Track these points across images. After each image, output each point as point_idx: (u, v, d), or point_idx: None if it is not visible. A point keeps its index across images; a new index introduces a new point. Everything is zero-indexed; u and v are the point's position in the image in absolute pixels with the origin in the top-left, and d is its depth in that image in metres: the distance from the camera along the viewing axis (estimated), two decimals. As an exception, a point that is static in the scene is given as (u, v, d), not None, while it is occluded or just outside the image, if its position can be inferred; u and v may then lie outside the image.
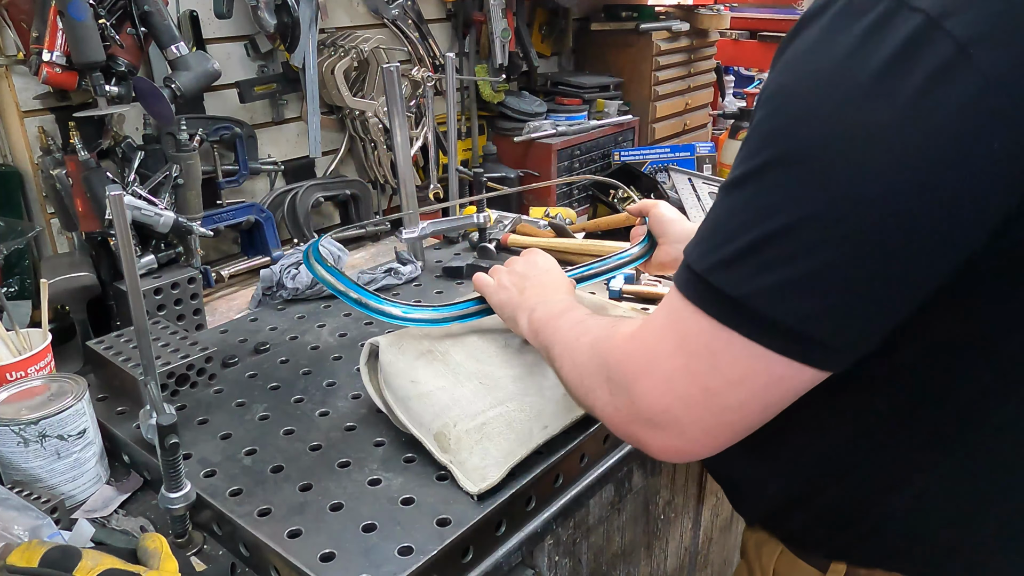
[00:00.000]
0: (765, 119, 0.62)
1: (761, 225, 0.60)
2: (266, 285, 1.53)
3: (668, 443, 0.68)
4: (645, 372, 0.68)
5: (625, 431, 0.72)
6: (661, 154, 2.53)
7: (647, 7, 2.64)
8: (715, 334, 0.63)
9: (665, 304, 0.69)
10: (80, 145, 1.36)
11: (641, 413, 0.69)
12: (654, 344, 0.68)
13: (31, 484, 0.98)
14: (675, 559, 1.48)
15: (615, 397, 0.72)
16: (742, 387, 0.63)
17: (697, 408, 0.65)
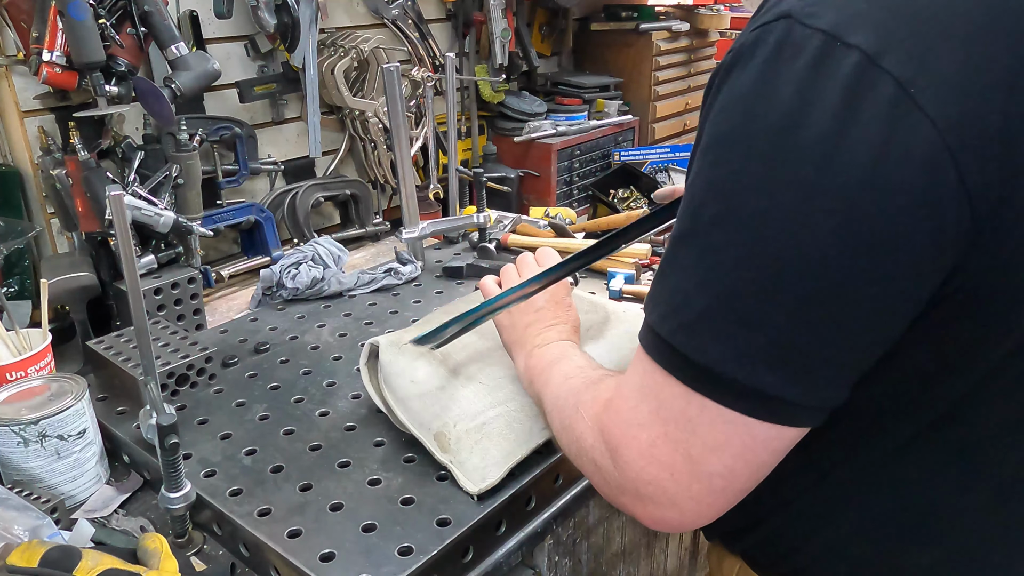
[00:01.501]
0: (706, 170, 0.59)
1: (713, 288, 0.58)
2: (266, 285, 1.53)
3: (661, 515, 0.65)
4: (624, 444, 0.65)
5: (616, 502, 0.69)
6: (661, 154, 2.53)
7: (647, 7, 2.64)
8: (689, 399, 0.60)
9: (637, 364, 0.65)
10: (80, 145, 1.36)
11: (627, 485, 0.66)
12: (630, 413, 0.65)
13: (31, 484, 0.98)
14: (675, 559, 1.48)
15: (600, 467, 0.69)
16: (725, 452, 0.60)
17: (683, 476, 0.62)
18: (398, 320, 1.44)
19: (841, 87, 0.52)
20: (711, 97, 0.61)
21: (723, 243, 0.57)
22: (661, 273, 0.63)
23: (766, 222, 0.55)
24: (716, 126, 0.59)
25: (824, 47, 0.53)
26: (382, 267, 1.61)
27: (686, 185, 0.62)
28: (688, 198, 0.60)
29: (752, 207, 0.56)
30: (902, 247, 0.53)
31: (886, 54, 0.52)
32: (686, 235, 0.60)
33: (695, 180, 0.60)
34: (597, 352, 1.12)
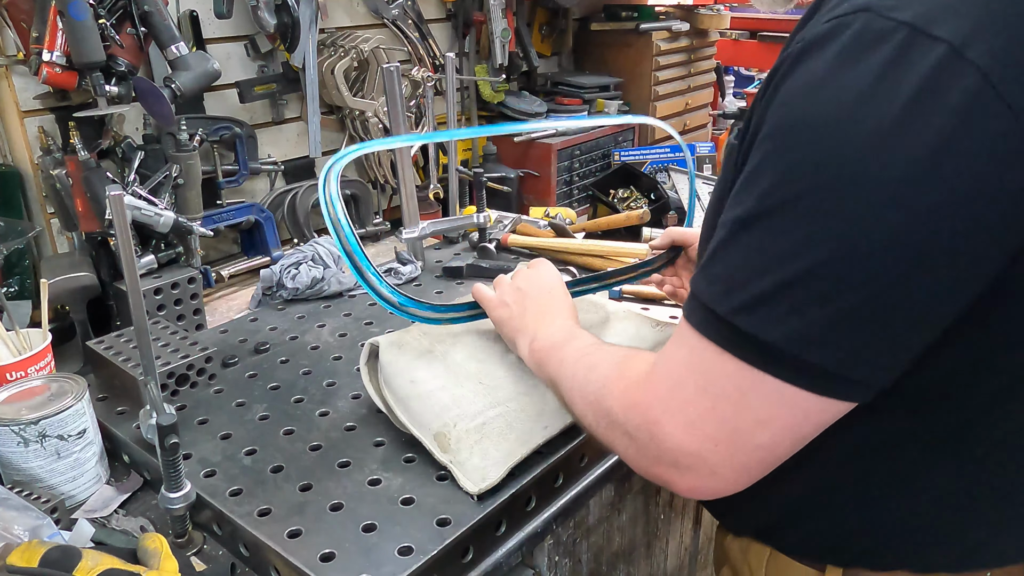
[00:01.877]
0: (774, 156, 0.61)
1: (784, 268, 0.59)
2: (266, 285, 1.53)
3: (698, 483, 0.68)
4: (668, 416, 0.67)
5: (649, 472, 0.71)
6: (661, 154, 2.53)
7: (647, 7, 2.64)
8: (743, 376, 0.62)
9: (681, 343, 0.67)
10: (80, 145, 1.36)
11: (665, 456, 0.68)
12: (674, 387, 0.67)
13: (31, 484, 0.98)
14: (675, 559, 1.48)
15: (635, 439, 0.71)
16: (772, 425, 0.63)
17: (726, 448, 0.65)
18: (398, 320, 1.43)
19: (923, 77, 0.54)
20: (774, 87, 0.63)
21: (792, 226, 0.59)
22: (719, 254, 0.65)
23: (838, 207, 0.57)
24: (784, 114, 0.61)
25: (908, 39, 0.55)
26: (382, 267, 1.61)
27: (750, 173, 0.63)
28: (751, 182, 0.62)
29: (823, 192, 0.58)
30: (971, 233, 0.56)
31: (971, 46, 0.54)
32: (751, 218, 0.62)
33: (760, 166, 0.62)
34: (597, 352, 1.12)
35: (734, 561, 0.93)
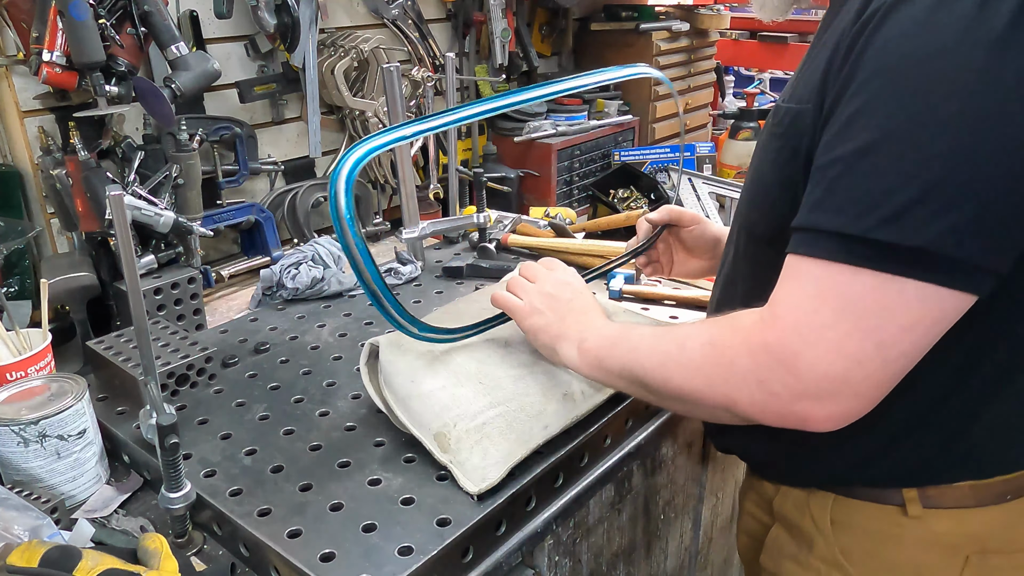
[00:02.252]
0: (889, 88, 0.68)
1: (921, 178, 0.66)
2: (266, 285, 1.53)
3: (838, 409, 0.72)
4: (808, 347, 0.70)
5: (786, 412, 0.74)
6: (661, 154, 2.53)
7: (647, 7, 2.64)
8: (884, 287, 0.68)
9: (803, 277, 0.73)
10: (80, 145, 1.36)
11: (809, 388, 0.71)
12: (809, 317, 0.71)
13: (31, 484, 0.98)
14: (675, 559, 1.48)
15: (769, 383, 0.73)
16: (915, 330, 0.69)
17: (872, 363, 0.70)
18: (398, 320, 1.44)
19: None
20: (864, 40, 0.70)
21: (922, 141, 0.67)
22: (839, 186, 0.71)
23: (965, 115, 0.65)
24: (892, 54, 0.69)
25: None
26: (382, 267, 1.61)
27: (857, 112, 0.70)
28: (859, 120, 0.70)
29: (949, 107, 0.66)
30: None
31: None
32: (874, 145, 0.69)
33: (870, 103, 0.70)
34: (597, 352, 1.12)
35: (788, 518, 0.98)
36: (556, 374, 1.07)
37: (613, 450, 1.14)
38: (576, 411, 1.06)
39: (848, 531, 0.92)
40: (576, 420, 1.06)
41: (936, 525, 0.87)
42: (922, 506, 0.87)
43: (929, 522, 0.87)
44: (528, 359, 1.09)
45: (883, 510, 0.89)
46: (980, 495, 0.86)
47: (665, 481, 1.35)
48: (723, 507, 1.61)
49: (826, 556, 0.93)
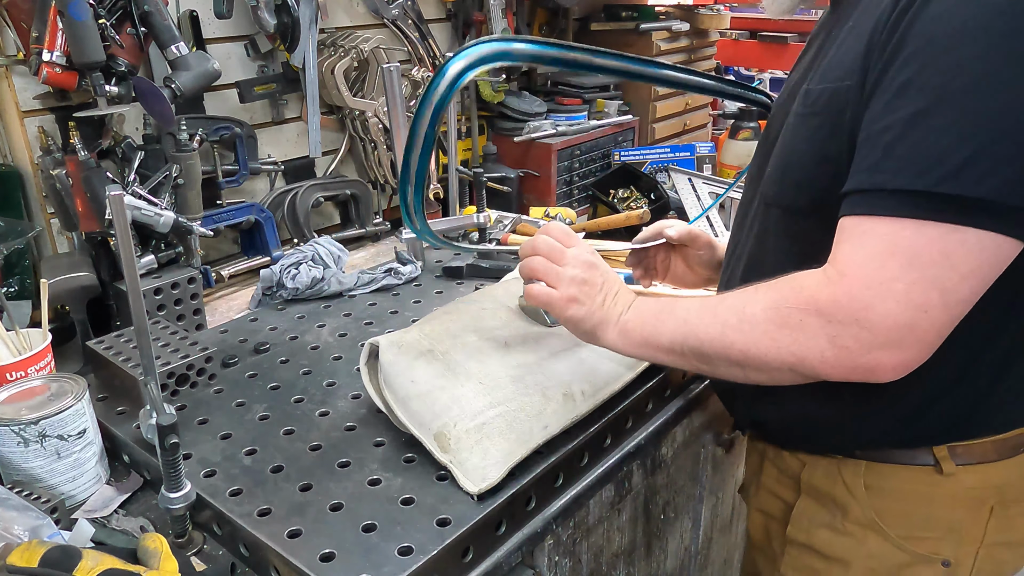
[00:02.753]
0: (943, 54, 0.74)
1: (976, 138, 0.72)
2: (266, 285, 1.53)
3: (904, 357, 0.77)
4: (878, 299, 0.76)
5: (857, 364, 0.78)
6: (661, 154, 2.52)
7: (647, 7, 2.64)
8: (947, 237, 0.74)
9: (868, 234, 0.77)
10: (80, 145, 1.36)
11: (879, 339, 0.76)
12: (878, 269, 0.76)
13: (31, 484, 0.98)
14: (675, 559, 1.48)
15: (840, 338, 0.78)
16: (974, 277, 0.75)
17: (936, 311, 0.75)
18: (398, 320, 1.44)
19: None
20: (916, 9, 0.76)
21: (977, 104, 0.73)
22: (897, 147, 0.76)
23: (1013, 81, 0.72)
24: (944, 22, 0.74)
25: None
26: (382, 267, 1.61)
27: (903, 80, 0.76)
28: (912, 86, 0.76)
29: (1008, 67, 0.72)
30: None
31: None
32: (930, 109, 0.74)
33: (923, 70, 0.75)
34: (597, 352, 1.12)
35: (819, 488, 1.03)
36: (556, 374, 1.07)
37: (613, 450, 1.14)
38: (576, 411, 1.06)
39: (882, 494, 0.98)
40: (576, 420, 1.06)
41: (966, 480, 0.94)
42: (954, 464, 0.93)
43: (960, 478, 0.94)
44: (528, 359, 1.09)
45: (916, 471, 0.95)
46: (1000, 449, 0.93)
47: (665, 481, 1.35)
48: (723, 507, 1.61)
49: (862, 520, 0.99)
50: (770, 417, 1.07)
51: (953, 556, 0.96)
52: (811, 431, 1.02)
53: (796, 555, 1.08)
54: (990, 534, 0.96)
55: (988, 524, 0.95)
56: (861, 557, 1.00)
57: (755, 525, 1.20)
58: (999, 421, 0.93)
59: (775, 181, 0.98)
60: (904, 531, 0.97)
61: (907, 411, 0.92)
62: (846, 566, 1.01)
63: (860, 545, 1.00)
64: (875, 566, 0.99)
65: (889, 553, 0.98)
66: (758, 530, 1.19)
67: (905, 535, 0.97)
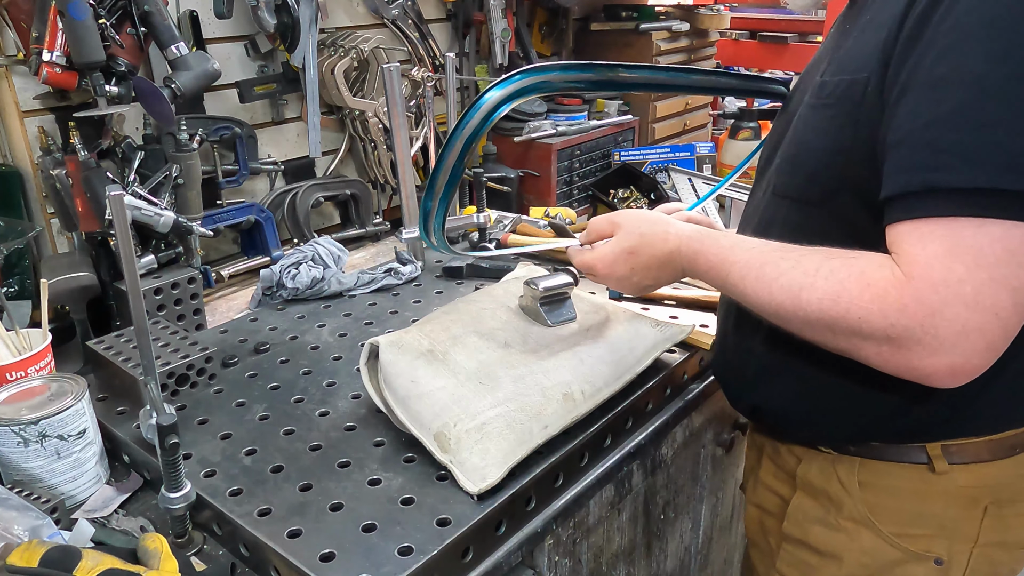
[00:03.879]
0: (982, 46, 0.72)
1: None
2: (266, 285, 1.53)
3: (969, 363, 0.74)
4: (945, 303, 0.72)
5: (915, 366, 0.76)
6: (661, 154, 2.52)
7: (647, 7, 2.64)
8: (1011, 234, 0.71)
9: (928, 238, 0.74)
10: (80, 145, 1.36)
11: (944, 344, 0.73)
12: (943, 274, 0.72)
13: (31, 484, 0.98)
14: (675, 559, 1.48)
15: (902, 340, 0.75)
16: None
17: (1007, 311, 0.72)
18: (398, 320, 1.44)
19: None
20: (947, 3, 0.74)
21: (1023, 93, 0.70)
22: (943, 146, 0.73)
23: None
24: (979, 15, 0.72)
25: None
26: (382, 267, 1.61)
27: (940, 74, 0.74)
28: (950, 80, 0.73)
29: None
30: None
31: None
32: (975, 103, 0.72)
33: (963, 64, 0.73)
34: (597, 353, 1.13)
35: (814, 484, 1.04)
36: (556, 374, 1.07)
37: (613, 450, 1.14)
38: (576, 411, 1.06)
39: (876, 491, 0.98)
40: (576, 420, 1.06)
41: (959, 479, 0.93)
42: (947, 462, 0.93)
43: (953, 476, 0.93)
44: (528, 359, 1.09)
45: (910, 468, 0.95)
46: (994, 449, 0.93)
47: (665, 481, 1.35)
48: (723, 507, 1.61)
49: (855, 516, 0.99)
50: (766, 403, 1.07)
51: (946, 554, 0.96)
52: (807, 417, 1.02)
53: (791, 551, 1.08)
54: (984, 534, 0.95)
55: (982, 524, 0.95)
56: (854, 553, 1.00)
57: (752, 520, 1.21)
58: (993, 421, 0.92)
59: (785, 172, 0.98)
60: (897, 528, 0.97)
61: (899, 403, 0.92)
62: (839, 562, 1.01)
63: (853, 541, 1.00)
64: (868, 562, 0.99)
65: (882, 550, 0.98)
66: (754, 525, 1.20)
67: (898, 532, 0.97)
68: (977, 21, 0.73)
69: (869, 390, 0.91)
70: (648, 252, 1.02)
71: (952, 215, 0.73)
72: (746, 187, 2.21)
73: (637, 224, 1.04)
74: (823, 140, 0.89)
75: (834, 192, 0.86)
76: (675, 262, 1.01)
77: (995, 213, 0.71)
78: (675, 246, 1.00)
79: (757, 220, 1.05)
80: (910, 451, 0.95)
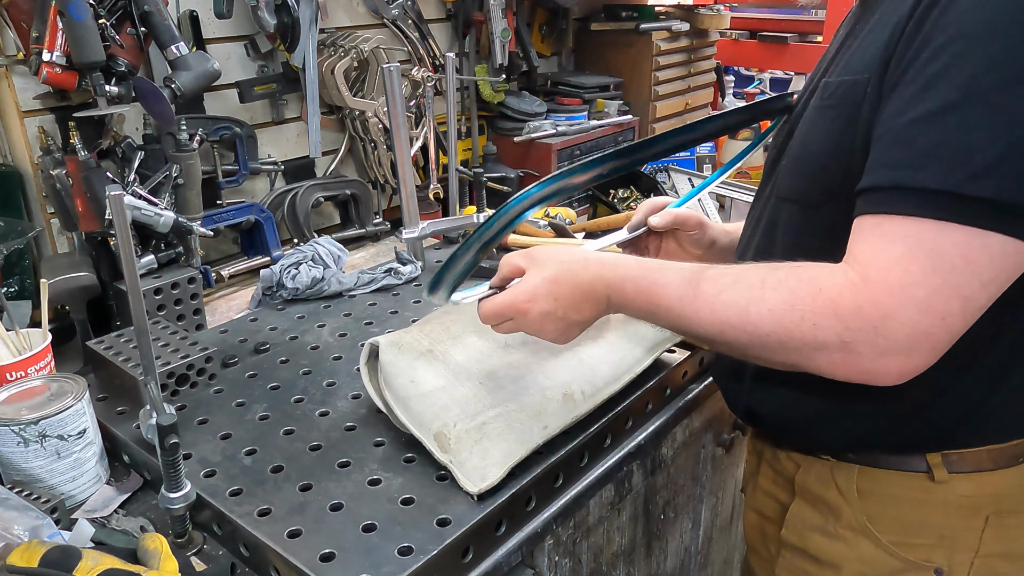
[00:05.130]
0: (977, 47, 0.71)
1: (1004, 138, 0.69)
2: (266, 285, 1.53)
3: (912, 364, 0.75)
4: (899, 306, 0.72)
5: (864, 368, 0.76)
6: (661, 154, 2.52)
7: (647, 7, 2.64)
8: (971, 243, 0.71)
9: (889, 236, 0.74)
10: (80, 145, 1.36)
11: (893, 346, 0.73)
12: (899, 277, 0.72)
13: (31, 484, 0.98)
14: (675, 559, 1.48)
15: (854, 344, 0.75)
16: (993, 284, 0.72)
17: (954, 318, 0.72)
18: (398, 320, 1.44)
19: None
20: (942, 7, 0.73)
21: (1008, 101, 0.69)
22: (919, 143, 0.73)
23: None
24: (977, 16, 0.72)
25: None
26: (382, 267, 1.61)
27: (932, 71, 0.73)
28: (942, 78, 0.72)
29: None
30: None
31: None
32: (958, 103, 0.71)
33: (954, 62, 0.72)
34: (597, 353, 1.13)
35: (812, 491, 1.02)
36: (556, 374, 1.07)
37: (613, 450, 1.14)
38: (576, 411, 1.06)
39: (875, 499, 0.96)
40: (576, 420, 1.06)
41: (960, 488, 0.91)
42: (947, 471, 0.91)
43: (954, 486, 0.91)
44: (528, 359, 1.09)
45: (909, 477, 0.93)
46: (996, 458, 0.91)
47: (665, 481, 1.35)
48: (723, 507, 1.61)
49: (853, 524, 0.97)
50: (762, 408, 1.06)
51: (946, 564, 0.94)
52: (804, 424, 1.00)
53: (790, 558, 1.07)
54: (986, 544, 0.93)
55: (984, 534, 0.92)
56: (852, 561, 0.98)
57: (751, 526, 1.20)
58: (995, 430, 0.90)
59: (789, 173, 0.97)
60: (896, 537, 0.95)
61: (898, 413, 0.90)
62: (838, 570, 1.00)
63: (851, 549, 0.98)
64: (866, 571, 0.97)
65: (880, 559, 0.96)
66: (754, 531, 1.19)
67: (897, 541, 0.95)
68: (976, 21, 0.72)
69: (865, 399, 0.89)
70: (570, 280, 0.92)
71: (915, 215, 0.73)
72: (746, 187, 2.21)
73: (553, 253, 0.95)
74: (825, 142, 0.88)
75: (835, 195, 0.85)
76: (598, 291, 0.92)
77: (959, 219, 0.71)
78: (596, 272, 0.92)
79: (760, 222, 1.04)
80: (910, 459, 0.93)
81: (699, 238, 1.21)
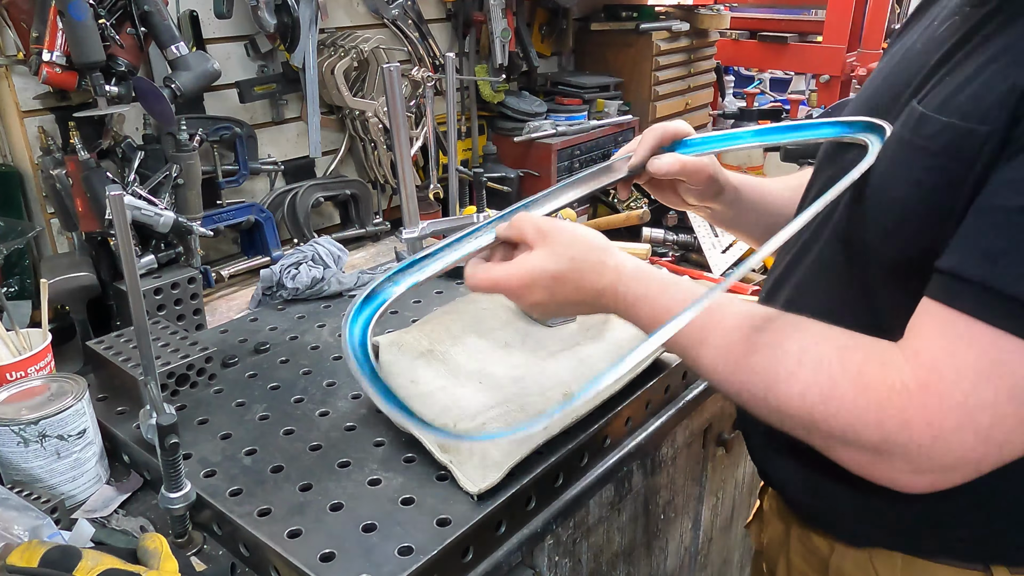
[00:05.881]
0: None
1: None
2: (266, 285, 1.53)
3: (949, 481, 0.65)
4: (956, 428, 0.61)
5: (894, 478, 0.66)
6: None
7: (647, 7, 2.64)
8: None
9: (966, 341, 0.62)
10: (80, 145, 1.36)
11: (936, 466, 0.63)
12: (965, 396, 0.61)
13: (31, 484, 0.98)
14: (675, 559, 1.48)
15: (891, 455, 0.65)
16: None
17: (1013, 448, 0.62)
18: (398, 320, 1.44)
19: None
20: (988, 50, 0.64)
21: None
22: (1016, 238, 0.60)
23: None
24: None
25: None
26: (382, 267, 1.61)
27: None
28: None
29: None
30: None
31: None
32: None
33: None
34: (597, 353, 1.13)
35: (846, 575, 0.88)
36: (556, 374, 1.07)
37: (613, 450, 1.14)
38: (576, 411, 1.06)
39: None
40: (576, 420, 1.06)
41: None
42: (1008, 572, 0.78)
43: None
44: (528, 359, 1.09)
45: (963, 572, 0.80)
46: None
47: (665, 481, 1.35)
48: (723, 507, 1.61)
49: None
50: (786, 482, 0.92)
51: None
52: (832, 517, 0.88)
53: None
54: None
55: None
56: None
57: None
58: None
59: (859, 218, 0.78)
60: None
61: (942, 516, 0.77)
62: None
63: None
64: None
65: None
66: None
67: None
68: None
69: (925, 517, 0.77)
70: (575, 283, 0.83)
71: (1002, 328, 0.60)
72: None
73: (570, 244, 0.83)
74: (918, 196, 0.70)
75: (913, 257, 0.69)
76: (603, 301, 0.83)
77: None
78: (610, 283, 0.82)
79: (807, 253, 0.88)
80: None
81: (703, 191, 1.05)
